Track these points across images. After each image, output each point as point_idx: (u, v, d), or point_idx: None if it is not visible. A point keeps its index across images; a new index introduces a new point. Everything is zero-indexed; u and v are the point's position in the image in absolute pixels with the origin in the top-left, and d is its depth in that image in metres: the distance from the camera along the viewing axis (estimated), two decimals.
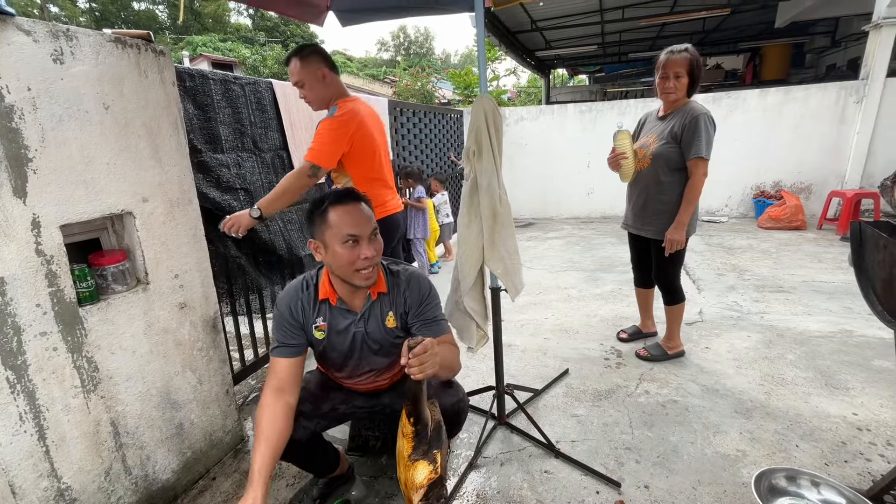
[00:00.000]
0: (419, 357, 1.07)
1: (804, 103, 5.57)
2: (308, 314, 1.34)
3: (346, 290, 1.33)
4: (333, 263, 1.25)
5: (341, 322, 1.35)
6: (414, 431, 1.14)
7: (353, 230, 1.20)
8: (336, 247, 1.21)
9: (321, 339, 1.35)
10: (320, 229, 1.22)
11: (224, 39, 27.95)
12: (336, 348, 1.37)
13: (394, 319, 1.38)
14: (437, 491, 1.10)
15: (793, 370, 2.29)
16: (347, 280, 1.26)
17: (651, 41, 10.23)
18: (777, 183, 5.86)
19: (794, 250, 4.42)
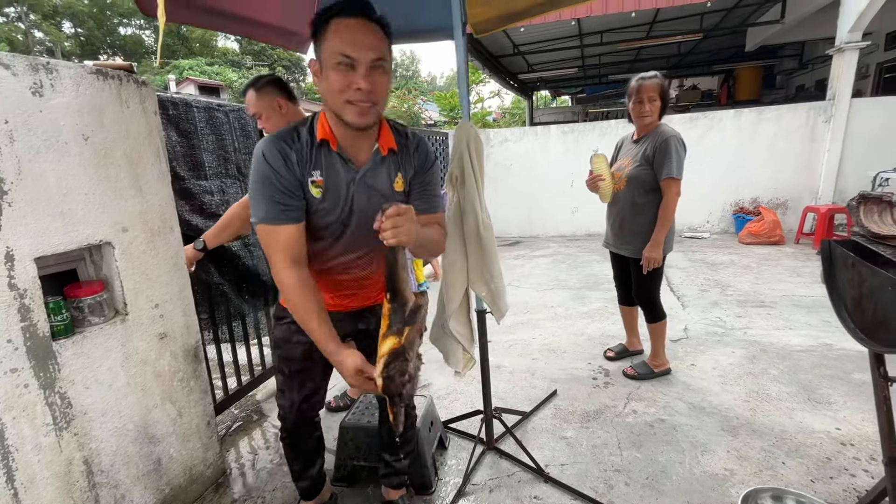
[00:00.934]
0: (392, 219, 0.96)
1: (776, 122, 5.79)
2: (304, 165, 1.09)
3: (347, 134, 1.10)
4: (325, 90, 1.04)
5: (340, 175, 1.12)
6: (390, 309, 1.05)
7: (350, 50, 0.98)
8: (329, 69, 1.00)
9: (318, 197, 1.11)
10: (320, 44, 1.02)
11: (211, 63, 28.14)
12: (333, 211, 1.14)
13: (403, 183, 1.20)
14: (398, 364, 1.02)
15: (776, 385, 2.32)
16: (339, 113, 1.04)
17: (629, 63, 10.60)
18: (755, 199, 6.03)
19: (773, 265, 4.53)
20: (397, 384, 1.01)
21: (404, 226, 0.98)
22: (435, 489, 1.74)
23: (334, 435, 1.86)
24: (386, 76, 1.05)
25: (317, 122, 1.11)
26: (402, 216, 0.97)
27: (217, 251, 2.17)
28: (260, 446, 2.11)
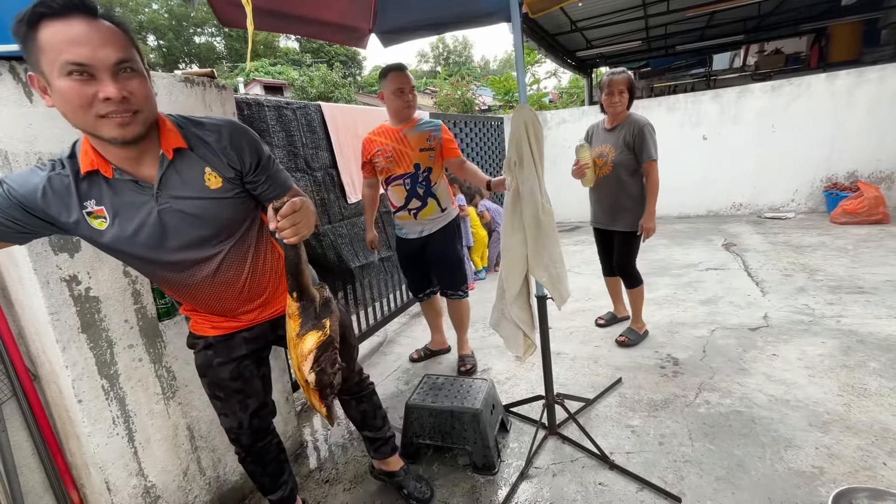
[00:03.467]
0: (290, 217, 0.89)
1: (880, 84, 5.08)
2: (67, 199, 0.92)
3: (118, 152, 0.92)
4: (61, 107, 0.84)
5: (130, 203, 0.96)
6: (300, 307, 1.01)
7: (78, 56, 0.79)
8: (58, 82, 0.81)
9: (103, 230, 0.95)
10: (32, 55, 0.81)
11: (274, 63, 29.67)
12: (134, 239, 0.98)
13: (218, 177, 1.02)
14: (328, 354, 1.00)
15: (877, 380, 2.09)
16: (92, 132, 0.87)
17: (700, 31, 9.73)
18: (852, 173, 5.37)
19: (874, 246, 4.03)
20: (329, 375, 1.01)
21: (303, 220, 0.92)
22: (498, 470, 1.78)
23: (400, 413, 1.95)
24: (139, 77, 0.87)
25: (78, 151, 0.93)
26: (298, 212, 0.91)
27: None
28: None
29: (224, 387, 1.26)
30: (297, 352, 1.01)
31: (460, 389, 1.90)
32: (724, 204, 6.10)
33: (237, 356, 1.26)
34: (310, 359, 0.98)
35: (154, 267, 1.06)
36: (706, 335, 2.72)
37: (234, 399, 1.28)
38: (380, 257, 2.90)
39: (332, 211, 2.58)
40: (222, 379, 1.25)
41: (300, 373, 1.01)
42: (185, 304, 1.24)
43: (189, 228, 1.02)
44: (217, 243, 1.08)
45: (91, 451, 1.27)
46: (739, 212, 6.03)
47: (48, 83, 0.82)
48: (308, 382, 1.00)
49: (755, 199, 5.92)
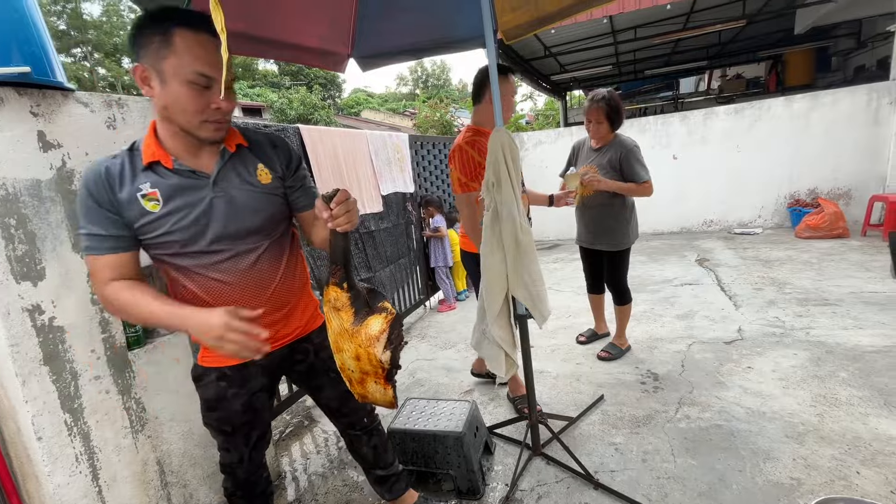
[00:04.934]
0: (344, 204, 0.93)
1: (834, 107, 5.41)
2: (122, 180, 0.98)
3: (184, 144, 1.01)
4: (171, 106, 0.94)
5: (186, 190, 1.01)
6: (350, 297, 1.02)
7: (208, 69, 0.92)
8: (179, 85, 0.91)
9: (156, 211, 0.99)
10: (157, 52, 0.91)
11: (253, 85, 29.67)
12: (185, 223, 1.01)
13: (268, 174, 1.11)
14: (398, 332, 1.01)
15: (847, 389, 2.15)
16: (189, 131, 0.97)
17: (667, 57, 10.25)
18: (812, 190, 5.65)
19: (837, 260, 4.21)
20: (398, 353, 1.03)
21: (353, 208, 0.97)
22: (483, 494, 1.74)
23: None
24: (234, 92, 1.02)
25: (140, 145, 1.02)
26: (349, 200, 0.95)
27: None
28: (311, 451, 2.19)
29: (233, 421, 1.19)
30: (356, 340, 1.01)
31: (443, 412, 1.88)
32: (696, 220, 6.30)
33: (254, 388, 1.20)
34: (382, 338, 0.99)
35: (192, 258, 1.05)
36: (684, 350, 2.77)
37: (240, 434, 1.22)
38: (359, 278, 2.87)
39: None
40: (234, 412, 1.18)
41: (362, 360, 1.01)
42: None
43: (237, 217, 1.06)
44: (258, 238, 1.11)
45: (50, 491, 1.20)
46: (711, 228, 6.24)
47: (160, 79, 0.92)
48: (381, 363, 1.00)
49: (725, 216, 6.14)
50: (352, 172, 2.92)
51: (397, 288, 3.52)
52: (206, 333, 0.90)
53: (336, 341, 1.06)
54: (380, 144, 3.32)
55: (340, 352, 1.06)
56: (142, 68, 0.93)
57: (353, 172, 2.95)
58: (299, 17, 2.04)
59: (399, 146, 3.67)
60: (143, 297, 0.97)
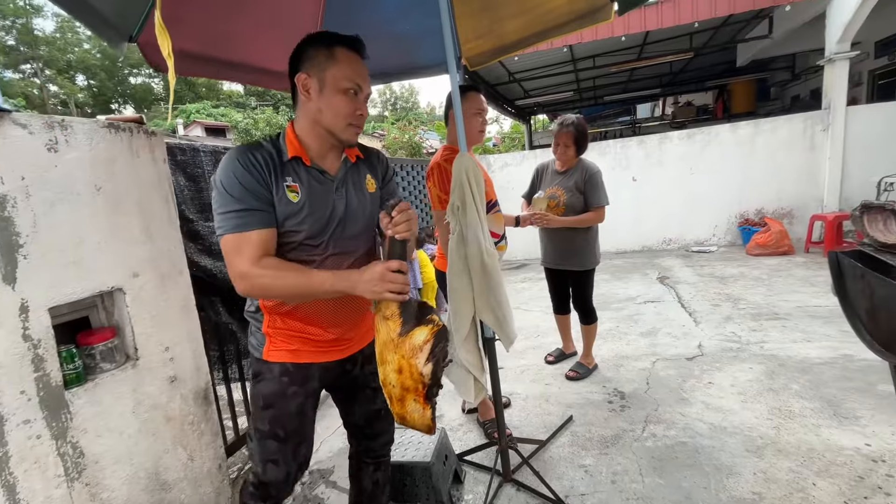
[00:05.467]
0: (405, 213, 1.04)
1: (774, 134, 5.83)
2: (275, 175, 1.08)
3: (319, 147, 1.15)
4: (325, 109, 1.09)
5: (318, 187, 1.14)
6: (400, 307, 1.04)
7: (360, 80, 1.10)
8: (335, 92, 1.08)
9: (296, 202, 1.09)
10: (322, 64, 1.07)
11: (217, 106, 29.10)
12: (315, 217, 1.12)
13: (374, 184, 1.28)
14: (442, 346, 1.00)
15: (799, 401, 2.25)
16: (335, 132, 1.12)
17: (624, 84, 10.81)
18: (760, 210, 6.01)
19: (785, 276, 4.46)
20: (441, 369, 1.01)
21: (413, 218, 1.08)
22: None
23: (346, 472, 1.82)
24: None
25: (283, 141, 1.13)
26: (410, 210, 1.07)
27: (226, 290, 2.20)
28: None
29: (286, 425, 1.19)
30: (401, 350, 1.02)
31: (411, 441, 1.82)
32: (656, 239, 6.56)
33: (311, 389, 1.24)
34: (425, 349, 0.99)
35: (307, 251, 1.14)
36: (648, 367, 2.83)
37: (292, 443, 1.21)
38: None
39: None
40: (288, 414, 1.19)
41: (403, 373, 1.01)
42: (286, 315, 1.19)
43: (351, 219, 1.19)
44: (359, 243, 1.24)
45: None
46: (670, 246, 6.51)
47: (321, 87, 1.08)
48: (421, 376, 0.99)
49: (682, 235, 6.43)
50: None
51: None
52: (371, 281, 1.01)
53: (381, 352, 1.08)
54: None
55: (384, 364, 1.07)
56: (305, 76, 1.09)
57: None
58: (261, 41, 2.02)
59: None
60: (298, 268, 1.06)
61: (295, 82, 1.11)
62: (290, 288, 1.05)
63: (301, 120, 1.14)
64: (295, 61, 1.11)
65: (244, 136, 17.69)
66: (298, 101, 1.13)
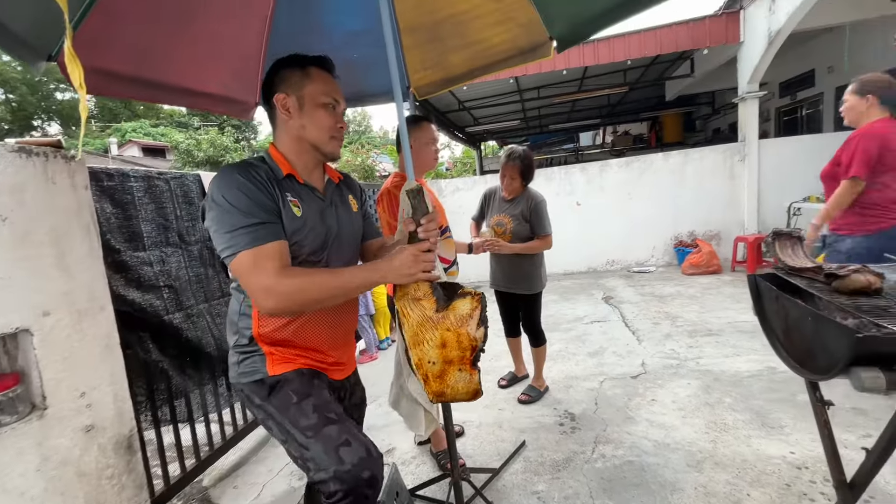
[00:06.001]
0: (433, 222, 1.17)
1: (701, 162, 6.36)
2: (278, 189, 1.10)
3: (304, 165, 1.19)
4: (308, 125, 1.15)
5: (313, 202, 1.18)
6: (432, 286, 1.11)
7: (336, 94, 1.18)
8: (315, 107, 1.14)
9: (300, 216, 1.12)
10: (298, 83, 1.13)
11: (156, 124, 27.66)
12: (316, 232, 1.15)
13: (356, 204, 1.36)
14: (484, 314, 1.09)
15: (732, 414, 2.39)
16: (319, 146, 1.17)
17: (567, 114, 11.44)
18: (691, 232, 6.48)
19: (715, 293, 4.80)
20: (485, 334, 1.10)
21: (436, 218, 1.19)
22: None
23: None
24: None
25: (272, 160, 1.15)
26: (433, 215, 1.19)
27: (157, 325, 2.04)
28: None
29: (334, 406, 1.15)
30: (444, 325, 1.06)
31: None
32: (601, 261, 6.87)
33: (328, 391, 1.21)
34: (475, 315, 1.06)
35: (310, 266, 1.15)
36: (596, 387, 2.91)
37: (348, 421, 1.14)
38: None
39: (211, 287, 2.33)
40: (328, 399, 1.15)
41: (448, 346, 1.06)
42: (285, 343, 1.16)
43: (343, 234, 1.24)
44: (352, 258, 1.31)
45: None
46: (613, 267, 6.83)
47: (300, 104, 1.14)
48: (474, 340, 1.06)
49: (624, 256, 6.78)
50: None
51: None
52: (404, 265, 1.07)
53: (416, 334, 1.10)
54: None
55: (420, 344, 1.09)
56: (283, 96, 1.14)
57: None
58: (202, 65, 1.95)
59: None
60: (324, 271, 1.08)
61: (274, 103, 1.15)
62: (324, 289, 1.03)
63: (283, 139, 1.18)
64: (268, 84, 1.17)
65: (185, 158, 16.84)
66: (278, 122, 1.17)
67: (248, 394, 1.16)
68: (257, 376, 1.14)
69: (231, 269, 1.03)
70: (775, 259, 1.57)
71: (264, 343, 1.15)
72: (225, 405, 2.46)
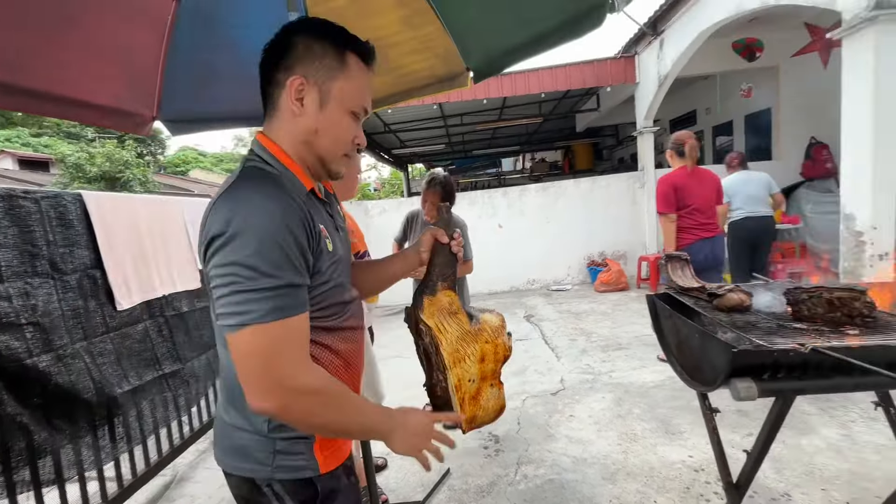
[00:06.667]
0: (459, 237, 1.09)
1: (608, 189, 6.97)
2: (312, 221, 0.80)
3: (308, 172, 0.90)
4: (324, 132, 0.83)
5: (332, 224, 0.91)
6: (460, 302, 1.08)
7: (369, 102, 0.87)
8: (341, 112, 0.83)
9: (331, 251, 0.84)
10: (328, 71, 0.80)
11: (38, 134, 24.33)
12: (344, 262, 0.92)
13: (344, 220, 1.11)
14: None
15: (641, 424, 2.55)
16: (327, 162, 0.86)
17: (489, 140, 11.98)
18: (602, 253, 7.01)
19: (624, 309, 5.20)
20: None
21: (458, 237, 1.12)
22: None
23: None
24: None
25: (285, 168, 0.83)
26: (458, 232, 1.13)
27: (15, 371, 1.72)
28: None
29: None
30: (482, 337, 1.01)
31: None
32: (522, 280, 7.16)
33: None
34: (505, 325, 1.07)
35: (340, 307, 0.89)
36: (519, 406, 2.96)
37: None
38: (161, 373, 2.35)
39: (92, 322, 2.03)
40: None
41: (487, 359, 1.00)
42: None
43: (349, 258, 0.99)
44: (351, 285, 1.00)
45: None
46: (534, 286, 7.15)
47: (322, 99, 0.81)
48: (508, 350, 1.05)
49: (544, 275, 7.14)
50: (159, 246, 2.49)
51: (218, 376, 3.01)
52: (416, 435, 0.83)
53: (457, 350, 0.99)
54: (199, 213, 2.94)
55: (462, 361, 0.98)
56: (301, 80, 0.79)
57: (162, 246, 2.52)
58: (88, 72, 1.75)
59: None
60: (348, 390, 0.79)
61: (284, 84, 0.80)
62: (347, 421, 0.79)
63: (283, 138, 0.83)
64: (279, 52, 0.81)
65: (74, 173, 14.86)
66: (280, 110, 0.82)
67: (281, 495, 0.82)
68: (306, 473, 0.82)
69: (228, 342, 0.73)
70: (668, 279, 1.73)
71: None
72: (107, 459, 2.12)
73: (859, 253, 3.15)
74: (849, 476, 1.94)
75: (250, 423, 0.81)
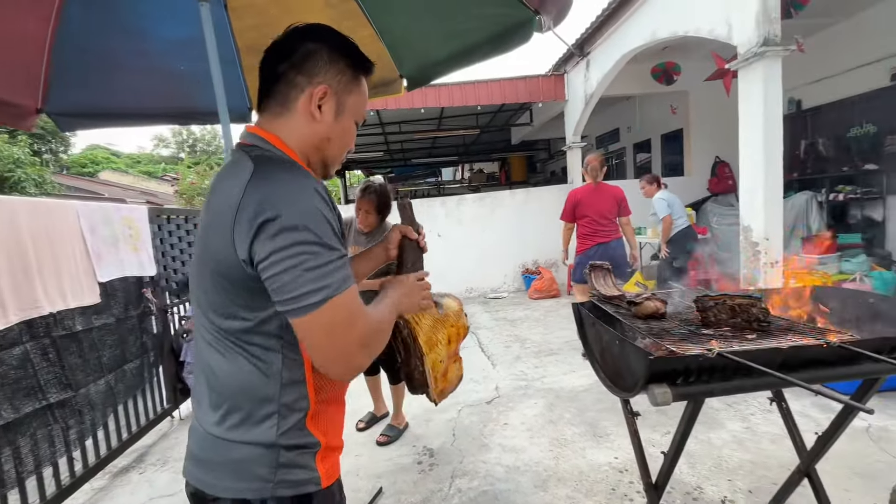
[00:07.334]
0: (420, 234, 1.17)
1: (540, 200, 7.25)
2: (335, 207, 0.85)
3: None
4: (336, 139, 0.88)
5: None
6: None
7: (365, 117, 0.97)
8: (351, 122, 0.90)
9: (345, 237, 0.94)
10: (346, 85, 0.85)
11: None
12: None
13: None
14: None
15: (570, 428, 2.63)
16: (329, 166, 0.93)
17: (428, 149, 12.05)
18: (535, 261, 7.26)
19: (555, 316, 5.40)
20: None
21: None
22: None
23: None
24: None
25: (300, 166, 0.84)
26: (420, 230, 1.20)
27: None
28: None
29: None
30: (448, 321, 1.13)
31: None
32: (461, 289, 7.21)
33: None
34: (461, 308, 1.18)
35: None
36: (455, 416, 2.94)
37: None
38: (45, 403, 2.04)
39: None
40: None
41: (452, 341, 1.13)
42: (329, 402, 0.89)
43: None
44: None
45: None
46: (472, 294, 7.23)
47: (338, 109, 0.86)
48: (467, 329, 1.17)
49: (481, 283, 7.24)
50: (45, 256, 2.17)
51: (121, 402, 2.68)
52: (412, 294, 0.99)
53: (430, 338, 1.11)
54: (99, 219, 2.62)
55: (436, 345, 1.11)
56: (325, 90, 0.82)
57: (48, 255, 2.19)
58: None
59: (133, 220, 2.99)
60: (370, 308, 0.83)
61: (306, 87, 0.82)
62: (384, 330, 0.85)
63: (291, 137, 0.84)
64: (290, 54, 0.82)
65: None
66: (291, 112, 0.83)
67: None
68: (308, 487, 0.79)
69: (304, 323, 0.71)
70: (592, 287, 1.79)
71: (317, 427, 0.83)
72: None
73: (755, 261, 3.52)
74: (750, 466, 2.12)
75: (256, 434, 0.77)
